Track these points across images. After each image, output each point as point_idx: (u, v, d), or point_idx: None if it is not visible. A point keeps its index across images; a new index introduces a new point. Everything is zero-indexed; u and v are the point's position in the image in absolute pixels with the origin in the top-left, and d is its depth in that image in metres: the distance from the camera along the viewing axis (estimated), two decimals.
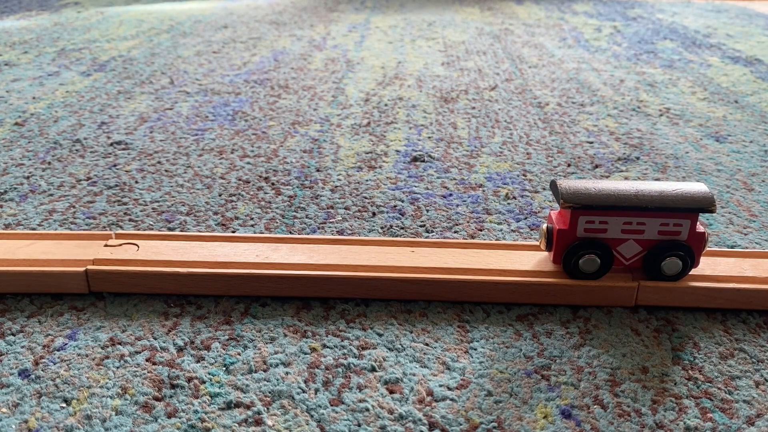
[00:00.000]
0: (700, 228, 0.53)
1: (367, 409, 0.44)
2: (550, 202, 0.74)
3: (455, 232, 0.68)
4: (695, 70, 1.34)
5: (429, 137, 0.95)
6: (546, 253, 0.58)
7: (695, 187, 0.53)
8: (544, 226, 0.56)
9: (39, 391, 0.45)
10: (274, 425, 0.43)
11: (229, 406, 0.44)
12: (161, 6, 2.15)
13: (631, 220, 0.53)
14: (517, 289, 0.55)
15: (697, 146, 0.92)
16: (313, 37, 1.68)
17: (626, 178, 0.81)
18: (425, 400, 0.45)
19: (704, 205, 0.51)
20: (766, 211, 0.73)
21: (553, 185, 0.54)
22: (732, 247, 0.65)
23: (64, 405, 0.44)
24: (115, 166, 0.84)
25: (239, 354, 0.49)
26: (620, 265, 0.55)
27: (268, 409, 0.44)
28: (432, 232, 0.68)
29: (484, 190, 0.77)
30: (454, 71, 1.33)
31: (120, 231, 0.67)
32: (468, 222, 0.70)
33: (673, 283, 0.54)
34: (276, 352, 0.49)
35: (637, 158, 0.87)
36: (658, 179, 0.81)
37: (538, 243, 0.60)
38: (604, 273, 0.54)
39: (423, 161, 0.86)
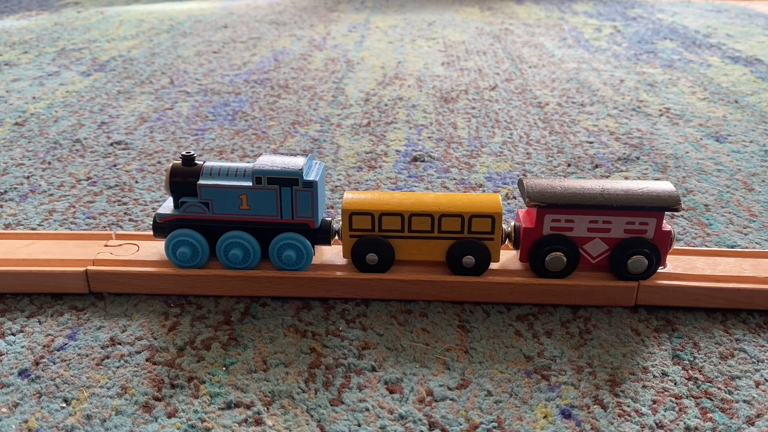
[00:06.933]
0: (666, 227, 0.53)
1: (367, 409, 0.44)
2: None
3: None
4: (695, 70, 1.34)
5: (429, 137, 0.95)
6: None
7: (661, 186, 0.53)
8: (512, 224, 0.56)
9: (39, 391, 0.45)
10: (274, 425, 0.43)
11: (229, 406, 0.44)
12: (161, 6, 2.15)
13: (597, 219, 0.53)
14: (517, 289, 0.55)
15: (697, 146, 0.92)
16: (313, 37, 1.67)
17: (626, 178, 0.81)
18: (425, 400, 0.45)
19: (670, 203, 0.52)
20: (766, 211, 0.73)
21: (520, 184, 0.55)
22: (732, 247, 0.65)
23: (64, 405, 0.44)
24: (115, 166, 0.84)
25: (239, 354, 0.49)
26: (587, 264, 0.55)
27: (268, 409, 0.44)
28: None
29: (484, 190, 0.77)
30: (454, 71, 1.33)
31: (120, 231, 0.67)
32: None
33: (673, 283, 0.54)
34: (276, 352, 0.49)
35: (637, 158, 0.87)
36: (658, 179, 0.81)
37: None
38: (570, 271, 0.55)
39: (423, 161, 0.86)
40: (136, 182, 0.79)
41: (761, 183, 0.80)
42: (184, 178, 0.54)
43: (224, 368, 0.47)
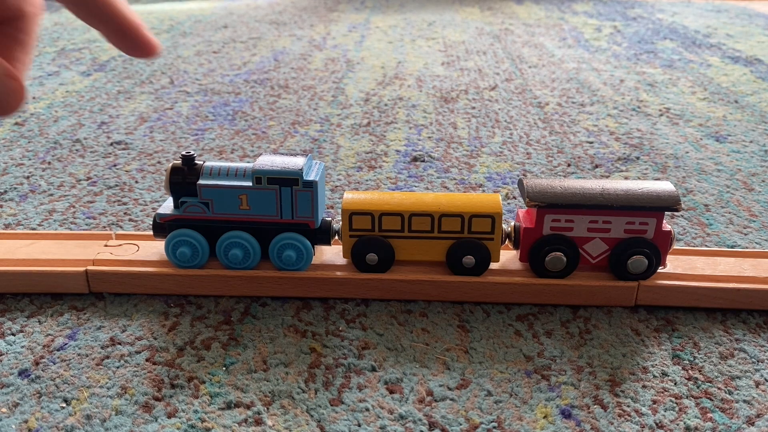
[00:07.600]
0: (666, 227, 0.53)
1: (367, 409, 0.44)
2: None
3: None
4: (695, 70, 1.34)
5: (429, 137, 0.95)
6: None
7: (661, 186, 0.53)
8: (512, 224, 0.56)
9: (39, 391, 0.45)
10: (274, 425, 0.43)
11: (229, 406, 0.44)
12: (161, 6, 2.15)
13: (597, 219, 0.53)
14: (517, 289, 0.55)
15: (697, 146, 0.92)
16: (313, 37, 1.67)
17: (626, 178, 0.81)
18: (425, 400, 0.45)
19: (670, 203, 0.52)
20: (766, 211, 0.73)
21: (520, 184, 0.55)
22: (732, 247, 0.65)
23: (64, 405, 0.44)
24: (115, 166, 0.84)
25: (239, 354, 0.49)
26: (587, 264, 0.55)
27: (268, 409, 0.44)
28: None
29: (484, 190, 0.77)
30: (454, 71, 1.33)
31: (120, 231, 0.67)
32: None
33: (673, 283, 0.54)
34: (276, 352, 0.49)
35: (637, 158, 0.87)
36: (658, 179, 0.81)
37: None
38: (570, 271, 0.55)
39: (423, 161, 0.86)
40: (136, 182, 0.79)
41: (761, 183, 0.80)
42: (183, 178, 0.54)
43: (224, 368, 0.47)
